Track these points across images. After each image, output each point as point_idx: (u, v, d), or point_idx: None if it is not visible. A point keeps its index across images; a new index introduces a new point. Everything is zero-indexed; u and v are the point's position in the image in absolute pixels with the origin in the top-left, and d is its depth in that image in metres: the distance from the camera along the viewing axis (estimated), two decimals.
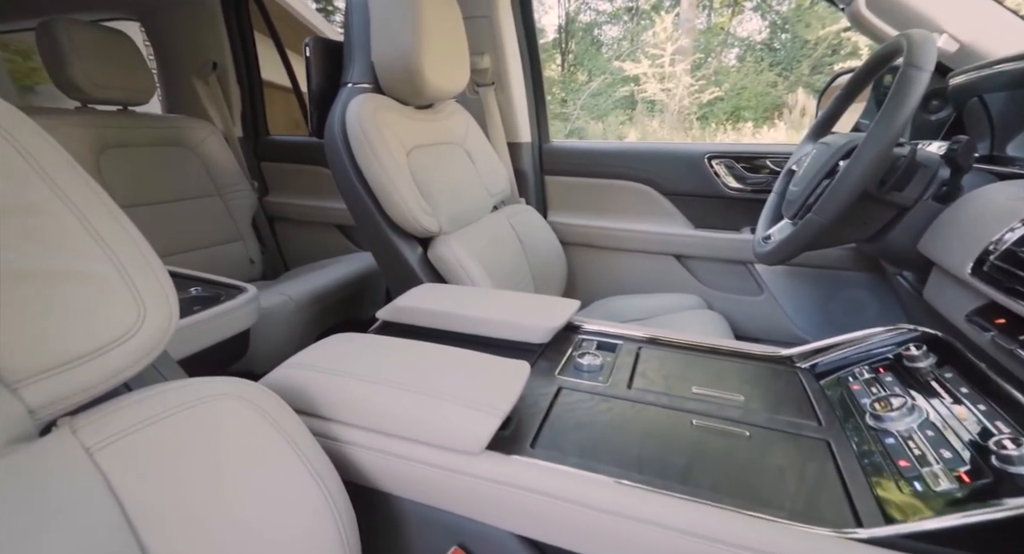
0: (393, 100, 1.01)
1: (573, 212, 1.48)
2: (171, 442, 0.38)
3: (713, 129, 8.15)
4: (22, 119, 0.39)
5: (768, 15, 9.22)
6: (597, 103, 9.29)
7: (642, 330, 0.76)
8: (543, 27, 11.62)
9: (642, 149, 1.38)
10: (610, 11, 11.03)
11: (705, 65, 9.04)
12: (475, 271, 0.95)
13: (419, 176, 0.99)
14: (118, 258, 0.40)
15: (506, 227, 1.24)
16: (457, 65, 1.07)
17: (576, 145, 1.45)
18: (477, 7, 1.24)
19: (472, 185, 1.16)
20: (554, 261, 1.35)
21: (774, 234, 0.93)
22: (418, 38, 0.93)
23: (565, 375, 0.64)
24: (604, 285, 1.50)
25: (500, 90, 1.34)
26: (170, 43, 1.67)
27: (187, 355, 0.88)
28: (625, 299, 1.36)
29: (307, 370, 0.55)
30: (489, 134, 1.35)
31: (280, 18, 4.00)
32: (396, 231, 0.96)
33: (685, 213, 1.37)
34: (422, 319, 0.74)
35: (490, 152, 1.28)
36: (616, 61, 9.38)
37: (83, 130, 1.30)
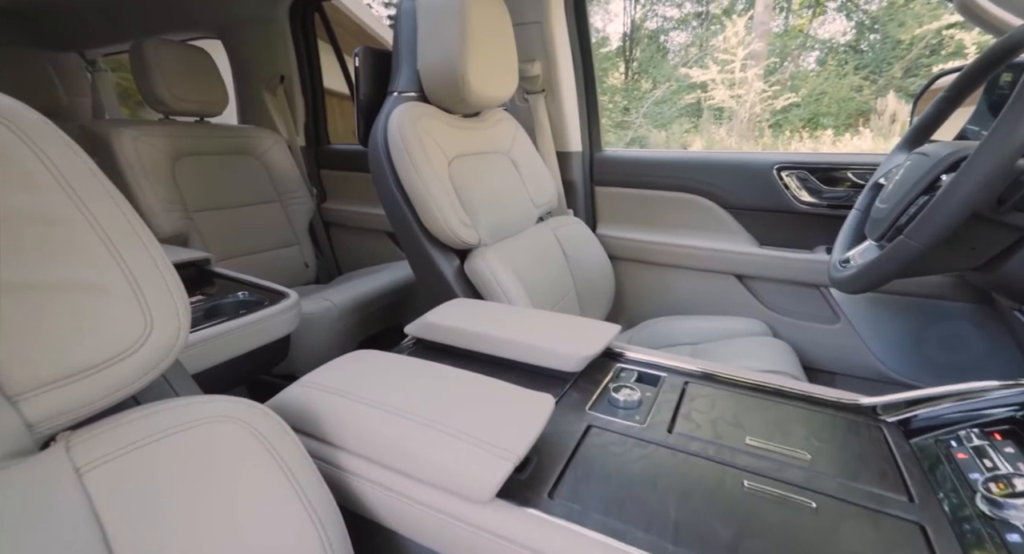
0: (437, 108, 0.99)
1: (624, 225, 1.40)
2: (160, 466, 0.36)
3: (787, 137, 7.63)
4: (48, 128, 0.39)
5: (854, 15, 8.54)
6: (661, 111, 9.02)
7: (690, 362, 0.68)
8: (607, 35, 11.48)
9: (702, 159, 1.27)
10: (678, 17, 10.71)
11: (780, 70, 8.51)
12: (511, 286, 0.90)
13: (460, 186, 0.97)
14: (130, 270, 0.39)
15: (551, 240, 1.18)
16: (504, 73, 1.04)
17: (630, 154, 1.37)
18: (528, 13, 1.20)
19: (516, 195, 1.12)
20: (601, 277, 1.27)
21: (855, 257, 0.81)
22: (463, 46, 0.90)
23: (597, 410, 0.57)
24: (655, 304, 1.40)
25: (551, 98, 1.29)
26: (245, 58, 1.78)
27: (227, 359, 0.89)
28: (678, 320, 1.26)
29: (318, 391, 0.52)
30: (538, 143, 1.31)
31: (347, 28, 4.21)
32: (432, 242, 0.93)
33: (749, 229, 1.25)
34: (449, 337, 0.71)
35: (537, 162, 1.23)
36: (682, 68, 9.06)
37: (162, 139, 1.40)
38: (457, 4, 0.90)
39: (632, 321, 1.44)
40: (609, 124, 10.08)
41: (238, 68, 1.81)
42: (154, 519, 0.34)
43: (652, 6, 10.97)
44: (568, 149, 1.34)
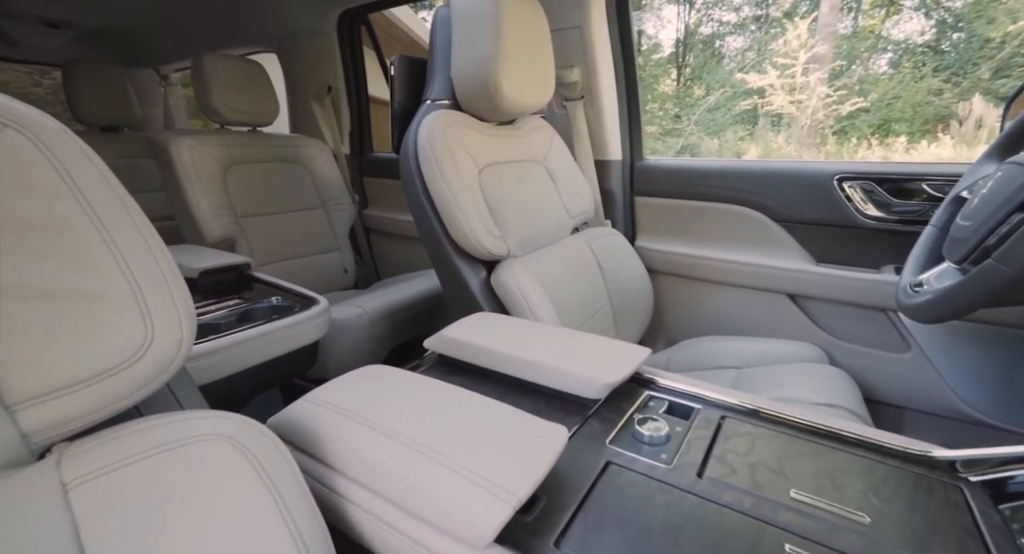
0: (469, 116, 0.97)
1: (665, 237, 1.32)
2: (146, 486, 0.35)
3: (853, 145, 7.14)
4: (64, 136, 0.39)
5: (935, 13, 7.90)
6: (714, 118, 8.71)
7: (729, 394, 0.61)
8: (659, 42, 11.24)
9: (752, 168, 1.18)
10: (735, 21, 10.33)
11: (847, 73, 8.00)
12: (537, 301, 0.86)
13: (490, 195, 0.94)
14: (136, 280, 0.39)
15: (585, 251, 1.13)
16: (539, 80, 1.01)
17: (673, 163, 1.29)
18: (568, 18, 1.17)
19: (550, 205, 1.08)
20: (639, 292, 1.21)
21: (929, 281, 0.71)
22: (496, 52, 0.88)
23: (618, 445, 0.52)
24: (696, 323, 1.31)
25: (590, 105, 1.24)
26: (296, 70, 1.85)
27: (255, 364, 0.91)
28: (721, 341, 1.17)
29: (323, 408, 0.50)
30: (575, 151, 1.27)
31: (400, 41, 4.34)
32: (459, 253, 0.91)
33: (804, 244, 1.14)
34: (467, 354, 0.67)
35: (574, 170, 1.19)
36: (738, 73, 8.72)
37: (216, 148, 1.47)
38: (491, 10, 0.88)
39: (672, 339, 1.36)
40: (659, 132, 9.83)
41: (290, 79, 1.88)
42: (135, 542, 0.33)
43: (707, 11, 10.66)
44: (607, 157, 1.29)
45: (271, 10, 1.67)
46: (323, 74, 1.77)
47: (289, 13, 1.67)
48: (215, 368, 0.85)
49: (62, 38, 1.99)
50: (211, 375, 0.85)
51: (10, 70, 4.35)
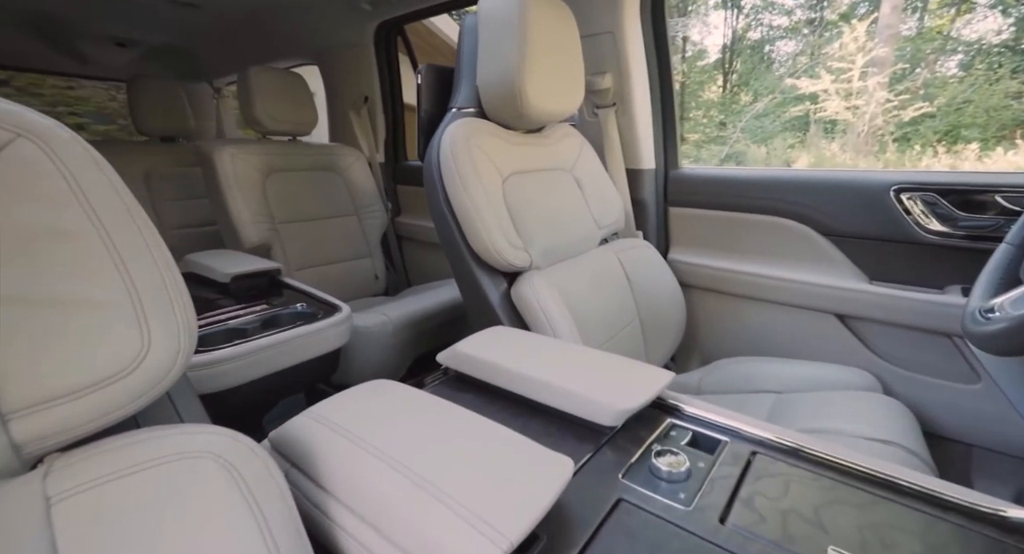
0: (494, 124, 0.95)
1: (700, 250, 1.26)
2: (127, 504, 0.34)
3: (917, 152, 6.67)
4: (77, 146, 0.40)
5: (1014, 10, 7.31)
6: (762, 125, 8.38)
7: (763, 427, 0.55)
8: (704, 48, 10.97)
9: (798, 177, 1.10)
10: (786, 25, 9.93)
11: (910, 76, 7.51)
12: (557, 316, 0.82)
13: (513, 204, 0.92)
14: (136, 289, 0.39)
15: (613, 263, 1.08)
16: (567, 86, 0.98)
17: (710, 172, 1.23)
18: (599, 23, 1.13)
19: (577, 215, 1.05)
20: (670, 307, 1.14)
21: (1003, 306, 0.62)
22: (521, 59, 0.86)
23: (633, 479, 0.48)
24: (733, 341, 1.23)
25: (622, 112, 1.20)
26: (336, 82, 1.91)
27: (279, 369, 0.91)
28: (760, 362, 1.08)
29: (321, 426, 0.49)
30: (606, 160, 1.23)
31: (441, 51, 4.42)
32: (480, 264, 0.89)
33: (856, 261, 1.05)
34: (479, 370, 0.65)
35: (603, 180, 1.15)
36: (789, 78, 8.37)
37: (257, 157, 1.52)
38: (517, 17, 0.86)
39: (705, 358, 1.28)
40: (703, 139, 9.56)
41: (330, 90, 1.94)
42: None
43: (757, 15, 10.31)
44: (639, 166, 1.24)
45: (313, 24, 1.73)
46: (360, 85, 1.81)
47: (329, 27, 1.72)
48: (238, 373, 0.86)
49: (128, 56, 2.14)
50: (234, 380, 0.86)
51: (91, 87, 4.75)
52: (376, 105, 1.81)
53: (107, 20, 1.78)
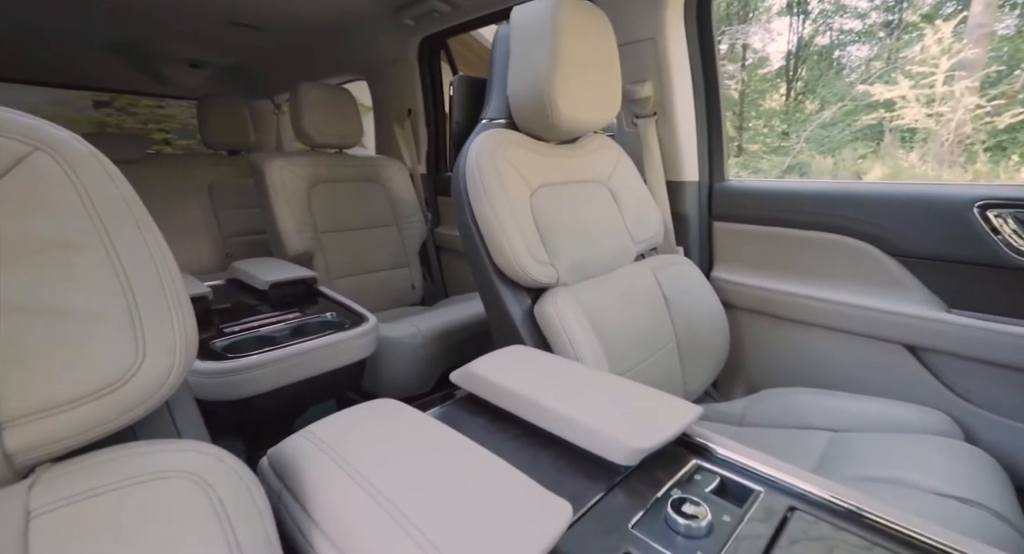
0: (524, 135, 0.93)
1: (748, 269, 1.16)
2: (100, 523, 0.33)
3: (1015, 163, 6.00)
4: (91, 159, 0.41)
5: None
6: (829, 135, 7.87)
7: (807, 478, 0.48)
8: (766, 56, 10.49)
9: (862, 191, 0.99)
10: (860, 29, 9.32)
11: (1008, 79, 6.80)
12: (580, 337, 0.78)
13: (541, 217, 0.88)
14: (136, 302, 0.39)
15: (649, 280, 1.02)
16: (602, 97, 0.94)
17: (761, 184, 1.14)
18: (640, 30, 1.09)
19: (611, 229, 1.00)
20: (712, 329, 1.06)
21: None
22: (552, 68, 0.83)
23: (644, 530, 0.42)
24: (783, 370, 1.12)
25: (663, 121, 1.14)
26: (382, 96, 1.97)
27: (303, 378, 0.92)
28: (814, 395, 0.98)
29: (315, 447, 0.47)
30: (645, 171, 1.17)
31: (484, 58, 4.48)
32: (503, 278, 0.86)
33: (931, 286, 0.93)
34: (491, 393, 0.61)
35: (641, 192, 1.09)
36: (861, 85, 7.83)
37: (303, 169, 1.59)
38: (549, 25, 0.83)
39: (751, 386, 1.18)
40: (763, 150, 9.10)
41: (377, 104, 2.00)
42: None
43: (825, 20, 9.75)
44: (682, 178, 1.17)
45: (362, 42, 1.79)
46: (404, 98, 1.85)
47: (376, 43, 1.78)
48: (264, 379, 0.88)
49: (201, 76, 2.31)
50: (260, 386, 0.87)
51: (177, 106, 5.21)
52: (419, 117, 1.85)
53: (183, 44, 1.94)
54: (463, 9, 1.44)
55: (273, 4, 1.48)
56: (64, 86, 2.60)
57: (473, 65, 3.07)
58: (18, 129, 0.38)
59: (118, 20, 1.59)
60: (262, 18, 1.63)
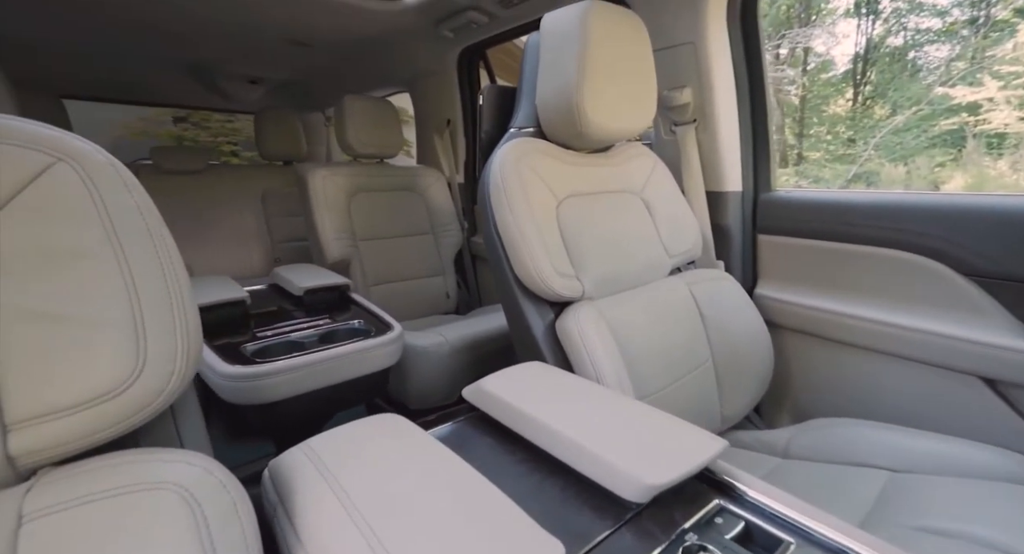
0: (551, 144, 0.90)
1: (796, 286, 1.07)
2: (87, 533, 0.33)
3: None
4: (110, 169, 0.42)
5: None
6: (902, 141, 7.30)
7: (851, 533, 0.42)
8: (830, 59, 9.91)
9: (930, 203, 0.89)
10: (939, 28, 8.62)
11: None
12: (602, 354, 0.73)
13: (568, 229, 0.85)
14: (141, 310, 0.39)
15: (684, 296, 0.96)
16: (634, 104, 0.90)
17: (813, 195, 1.05)
18: (679, 34, 1.04)
19: (643, 241, 0.95)
20: (753, 350, 0.98)
21: None
22: (581, 75, 0.80)
23: None
24: (835, 398, 1.02)
25: (703, 129, 1.08)
26: (423, 107, 2.01)
27: (326, 385, 0.93)
28: (869, 428, 0.88)
29: (310, 462, 0.46)
30: (684, 181, 1.11)
31: None
32: (524, 291, 0.83)
33: (1015, 311, 0.81)
34: (500, 413, 0.59)
35: (678, 203, 1.03)
36: (940, 87, 7.24)
37: (345, 178, 1.64)
38: (578, 31, 0.81)
39: (799, 414, 1.08)
40: (826, 158, 8.58)
41: (418, 114, 2.05)
42: None
43: (899, 19, 9.10)
44: (723, 188, 1.10)
45: (404, 55, 1.84)
46: (443, 109, 1.88)
47: (417, 56, 1.82)
48: (288, 385, 0.89)
49: (259, 91, 2.46)
50: (285, 391, 0.89)
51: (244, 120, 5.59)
52: (457, 127, 1.87)
53: (244, 62, 2.06)
54: (500, 20, 1.45)
55: (323, 22, 1.55)
56: (146, 104, 2.85)
57: (516, 74, 3.07)
58: (43, 141, 0.40)
59: (191, 43, 1.72)
60: (314, 36, 1.71)
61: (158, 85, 2.34)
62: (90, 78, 2.09)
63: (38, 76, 1.96)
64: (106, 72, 2.03)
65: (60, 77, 2.02)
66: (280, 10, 1.42)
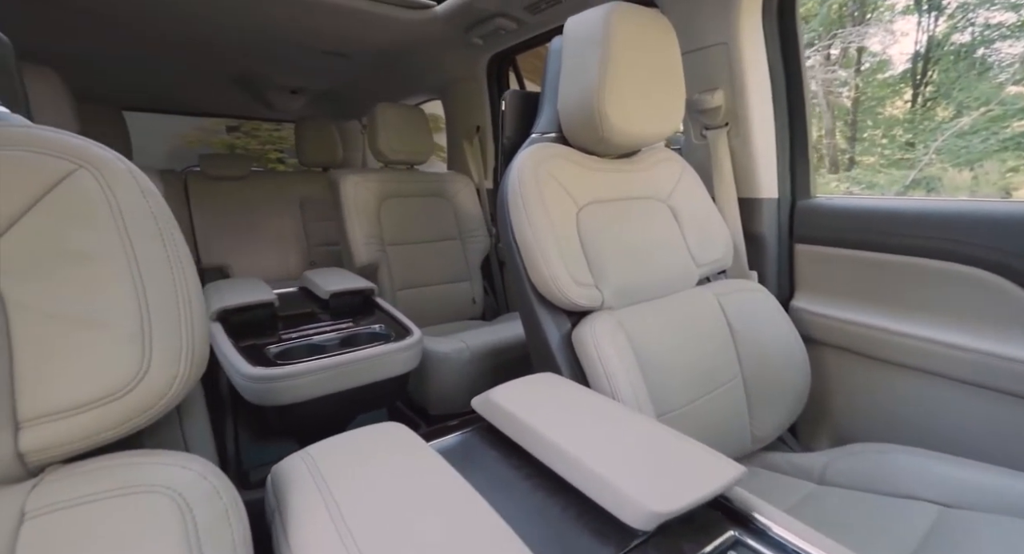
0: (573, 150, 0.88)
1: (837, 299, 1.00)
2: (81, 533, 0.34)
3: None
4: (127, 176, 0.44)
5: None
6: (968, 145, 6.79)
7: None
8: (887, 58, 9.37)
9: (992, 212, 0.81)
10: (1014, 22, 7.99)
11: None
12: (617, 367, 0.70)
13: (588, 236, 0.83)
14: (149, 314, 0.40)
15: (712, 308, 0.91)
16: (660, 108, 0.87)
17: (857, 203, 0.98)
18: (709, 34, 0.99)
19: (669, 250, 0.91)
20: (788, 367, 0.92)
21: None
22: (603, 79, 0.78)
23: None
24: (878, 421, 0.94)
25: (735, 133, 1.03)
26: (454, 113, 2.03)
27: (344, 389, 0.94)
28: (917, 456, 0.80)
29: (308, 471, 0.46)
30: (715, 187, 1.06)
31: None
32: (540, 300, 0.81)
33: None
34: (508, 426, 0.57)
35: (708, 210, 0.99)
36: (1013, 86, 6.71)
37: (375, 184, 1.67)
38: (600, 33, 0.79)
39: (839, 438, 1.00)
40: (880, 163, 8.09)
41: (449, 121, 2.07)
42: None
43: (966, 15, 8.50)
44: (757, 195, 1.04)
45: (436, 63, 1.87)
46: (473, 115, 1.89)
47: (448, 64, 1.84)
48: (307, 388, 0.90)
49: (300, 101, 2.56)
50: (304, 394, 0.91)
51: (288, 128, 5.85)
52: (487, 134, 1.87)
53: (287, 74, 2.15)
54: (529, 26, 1.44)
55: (359, 33, 1.59)
56: (198, 114, 3.02)
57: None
58: (67, 149, 0.42)
59: (239, 57, 1.82)
60: (350, 46, 1.76)
61: (209, 97, 2.48)
62: (146, 91, 2.24)
63: (100, 90, 2.11)
64: (161, 85, 2.17)
65: (119, 90, 2.17)
66: (319, 22, 1.47)
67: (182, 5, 1.33)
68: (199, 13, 1.38)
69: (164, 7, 1.34)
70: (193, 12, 1.38)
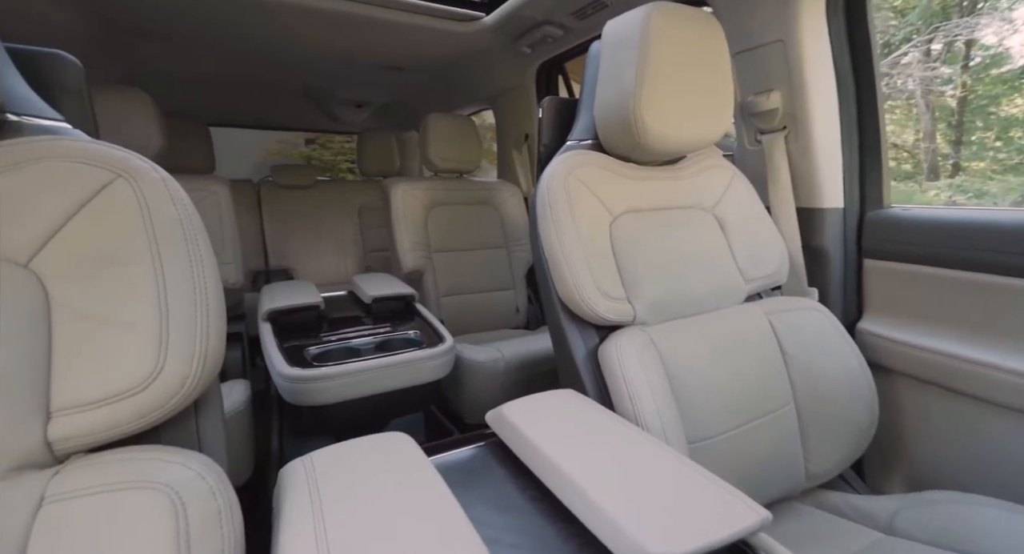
0: (610, 157, 0.85)
1: (914, 323, 0.88)
2: (87, 523, 0.36)
3: None
4: (159, 184, 0.47)
5: None
6: None
7: None
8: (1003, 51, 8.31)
9: None
10: None
11: None
12: (643, 388, 0.65)
13: (621, 247, 0.79)
14: (168, 316, 0.43)
15: (761, 327, 0.84)
16: (705, 113, 0.81)
17: (940, 214, 0.86)
18: (764, 32, 0.92)
19: (712, 263, 0.85)
20: (849, 396, 0.82)
21: None
22: (640, 83, 0.75)
23: None
24: (961, 466, 0.81)
25: (794, 137, 0.94)
26: (504, 122, 2.04)
27: (375, 393, 0.96)
28: (1009, 513, 0.68)
29: (306, 478, 0.47)
30: (770, 196, 0.98)
31: None
32: (568, 313, 0.78)
33: None
34: (517, 445, 0.55)
35: (761, 220, 0.91)
36: None
37: (424, 192, 1.71)
38: (639, 33, 0.75)
39: (912, 481, 0.88)
40: (991, 169, 7.16)
41: (499, 130, 2.09)
42: None
43: None
44: (819, 205, 0.95)
45: (487, 73, 1.89)
46: (521, 124, 1.89)
47: (499, 74, 1.86)
48: (339, 390, 0.93)
49: (364, 114, 2.70)
50: (336, 396, 0.93)
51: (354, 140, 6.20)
52: (535, 142, 1.86)
53: (350, 88, 2.28)
54: (575, 32, 1.42)
55: (413, 47, 1.66)
56: (275, 128, 3.29)
57: None
58: (109, 160, 0.46)
59: (309, 74, 1.97)
60: (407, 60, 1.83)
61: (282, 112, 2.68)
62: (228, 108, 2.47)
63: (187, 108, 2.35)
64: (240, 102, 2.37)
65: (204, 108, 2.40)
66: (377, 39, 1.55)
67: (259, 31, 1.45)
68: (274, 37, 1.50)
69: (244, 36, 1.47)
70: (269, 37, 1.50)
